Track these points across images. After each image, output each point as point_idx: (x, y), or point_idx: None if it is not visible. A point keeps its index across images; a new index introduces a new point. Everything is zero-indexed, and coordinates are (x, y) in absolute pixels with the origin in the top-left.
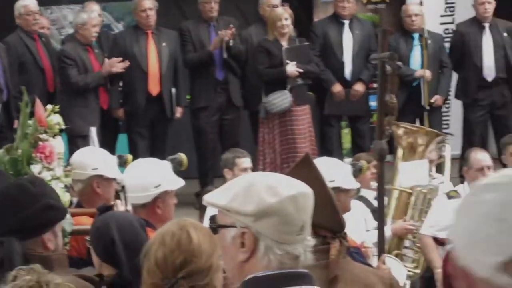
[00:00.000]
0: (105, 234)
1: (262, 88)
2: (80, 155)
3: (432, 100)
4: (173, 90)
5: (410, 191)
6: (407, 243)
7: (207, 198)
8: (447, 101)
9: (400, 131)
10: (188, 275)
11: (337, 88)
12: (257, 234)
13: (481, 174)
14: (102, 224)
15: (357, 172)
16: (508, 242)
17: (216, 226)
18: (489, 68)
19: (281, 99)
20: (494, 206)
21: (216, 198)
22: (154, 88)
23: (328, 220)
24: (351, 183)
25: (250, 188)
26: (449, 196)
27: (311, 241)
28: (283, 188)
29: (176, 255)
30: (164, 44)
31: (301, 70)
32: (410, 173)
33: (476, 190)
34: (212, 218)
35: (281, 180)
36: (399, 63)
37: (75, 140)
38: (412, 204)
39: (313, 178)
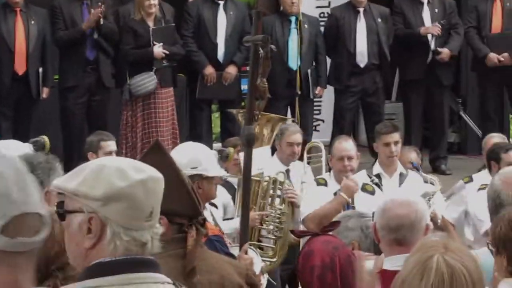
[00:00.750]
0: None
1: (126, 69)
2: None
3: (316, 92)
4: (41, 69)
5: (258, 178)
6: (263, 232)
7: (56, 182)
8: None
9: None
10: (61, 266)
11: (209, 70)
12: (104, 220)
13: (341, 163)
14: None
15: (224, 159)
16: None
17: (63, 212)
18: (361, 54)
19: (146, 81)
20: None
21: (65, 182)
22: (20, 67)
23: (182, 207)
24: (214, 170)
25: (100, 172)
26: (318, 182)
27: (159, 228)
28: (133, 172)
29: (49, 247)
30: (32, 22)
31: (167, 52)
32: (254, 160)
33: None
34: (60, 204)
35: (131, 164)
36: (273, 47)
37: None
38: (261, 192)
39: (165, 164)
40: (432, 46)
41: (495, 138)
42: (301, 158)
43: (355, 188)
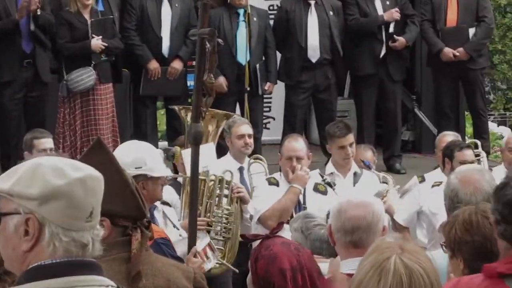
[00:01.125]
0: None
1: (62, 64)
2: None
3: (266, 88)
4: None
5: (204, 177)
6: (212, 233)
7: None
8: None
9: (188, 115)
10: (8, 270)
11: (153, 64)
12: (42, 220)
13: (289, 163)
14: None
15: (170, 158)
16: None
17: None
18: (313, 48)
19: (85, 77)
20: None
21: None
22: None
23: (126, 208)
24: (160, 170)
25: (35, 170)
26: (270, 182)
27: (100, 230)
28: (70, 170)
29: None
30: None
31: (106, 44)
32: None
33: None
34: None
35: (68, 162)
36: (220, 40)
37: None
38: (207, 191)
39: (107, 164)
40: (391, 29)
41: (449, 136)
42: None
43: (306, 178)
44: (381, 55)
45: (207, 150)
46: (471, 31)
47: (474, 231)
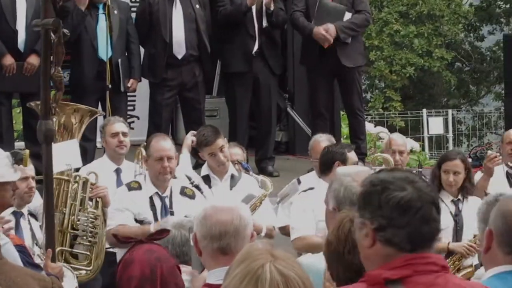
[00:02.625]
0: None
1: None
2: None
3: (129, 85)
4: None
5: (68, 178)
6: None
7: None
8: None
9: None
10: None
11: (8, 60)
12: None
13: (160, 164)
14: None
15: (19, 162)
16: None
17: None
18: (178, 44)
19: None
20: None
21: None
22: None
23: None
24: (7, 175)
25: None
26: (130, 187)
27: None
28: None
29: None
30: None
31: None
32: (61, 155)
33: None
34: None
35: None
36: (65, 31)
37: None
38: (71, 192)
39: None
40: (264, 23)
41: (323, 141)
42: None
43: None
44: (254, 51)
45: (71, 146)
46: (348, 16)
47: (339, 235)
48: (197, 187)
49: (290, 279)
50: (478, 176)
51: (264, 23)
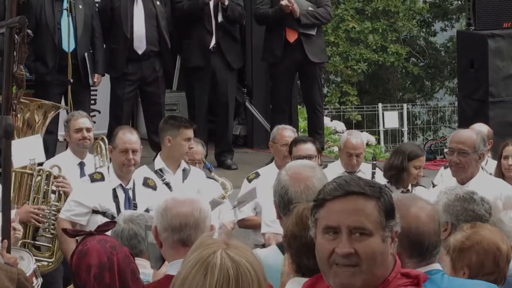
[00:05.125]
0: None
1: None
2: None
3: (95, 80)
4: None
5: (31, 171)
6: (40, 230)
7: None
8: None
9: None
10: None
11: None
12: None
13: (125, 156)
14: None
15: None
16: None
17: None
18: (139, 39)
19: None
20: None
21: None
22: None
23: None
24: None
25: None
26: (93, 178)
27: None
28: None
29: None
30: None
31: None
32: (24, 150)
33: None
34: None
35: None
36: (29, 31)
37: None
38: (34, 186)
39: None
40: (220, 18)
41: (287, 129)
42: None
43: None
44: (211, 46)
45: (34, 141)
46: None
47: (304, 226)
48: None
49: (241, 265)
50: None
51: (220, 18)
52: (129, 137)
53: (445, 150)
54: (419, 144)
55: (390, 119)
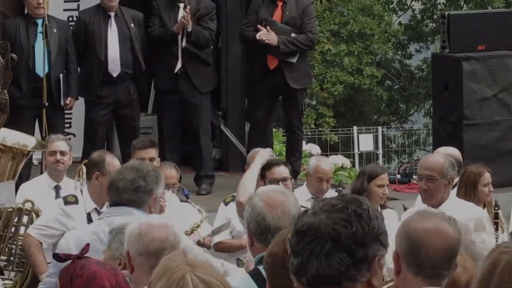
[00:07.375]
0: None
1: None
2: None
3: (67, 102)
4: None
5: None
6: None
7: None
8: None
9: None
10: None
11: None
12: None
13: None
14: None
15: None
16: None
17: None
18: (114, 62)
19: None
20: None
21: None
22: None
23: None
24: None
25: None
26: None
27: None
28: None
29: None
30: None
31: None
32: None
33: None
34: None
35: None
36: (14, 56)
37: None
38: (4, 221)
39: None
40: (184, 43)
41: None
42: None
43: None
44: (176, 70)
45: (6, 187)
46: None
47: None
48: None
49: (212, 285)
50: None
51: (184, 43)
52: (117, 163)
53: (414, 176)
54: (394, 167)
55: (365, 142)
